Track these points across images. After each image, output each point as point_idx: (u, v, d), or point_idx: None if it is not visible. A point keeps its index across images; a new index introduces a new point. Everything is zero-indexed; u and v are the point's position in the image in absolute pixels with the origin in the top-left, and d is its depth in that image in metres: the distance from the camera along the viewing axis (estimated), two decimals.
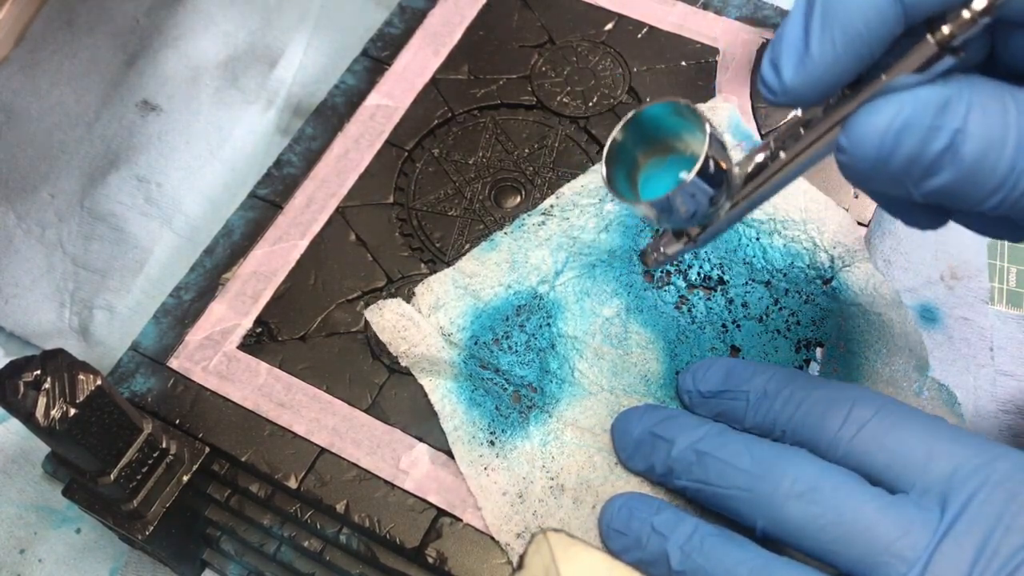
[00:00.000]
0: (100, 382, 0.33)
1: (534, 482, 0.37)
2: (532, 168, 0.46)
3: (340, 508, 0.37)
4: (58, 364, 0.33)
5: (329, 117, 0.47)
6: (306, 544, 0.38)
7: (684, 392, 0.38)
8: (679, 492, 0.35)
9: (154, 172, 0.53)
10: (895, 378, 0.39)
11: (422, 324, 0.40)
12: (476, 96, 0.48)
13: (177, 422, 0.39)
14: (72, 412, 0.32)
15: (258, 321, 0.42)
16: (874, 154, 0.28)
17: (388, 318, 0.40)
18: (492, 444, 0.38)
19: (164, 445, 0.37)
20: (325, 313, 0.42)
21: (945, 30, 0.26)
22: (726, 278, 0.41)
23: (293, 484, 0.38)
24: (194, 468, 0.38)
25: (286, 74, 0.57)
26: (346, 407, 0.40)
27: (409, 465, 0.38)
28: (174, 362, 0.41)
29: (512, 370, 0.39)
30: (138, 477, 0.36)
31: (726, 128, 0.45)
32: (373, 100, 0.48)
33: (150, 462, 0.37)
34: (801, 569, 0.31)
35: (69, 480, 0.38)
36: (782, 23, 0.28)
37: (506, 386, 0.39)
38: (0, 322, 0.49)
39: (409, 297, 0.42)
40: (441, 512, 0.37)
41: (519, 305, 0.41)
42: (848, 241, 0.41)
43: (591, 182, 0.44)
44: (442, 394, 0.39)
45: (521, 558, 0.33)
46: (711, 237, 0.33)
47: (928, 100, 0.27)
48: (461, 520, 0.37)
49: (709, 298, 0.41)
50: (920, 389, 0.39)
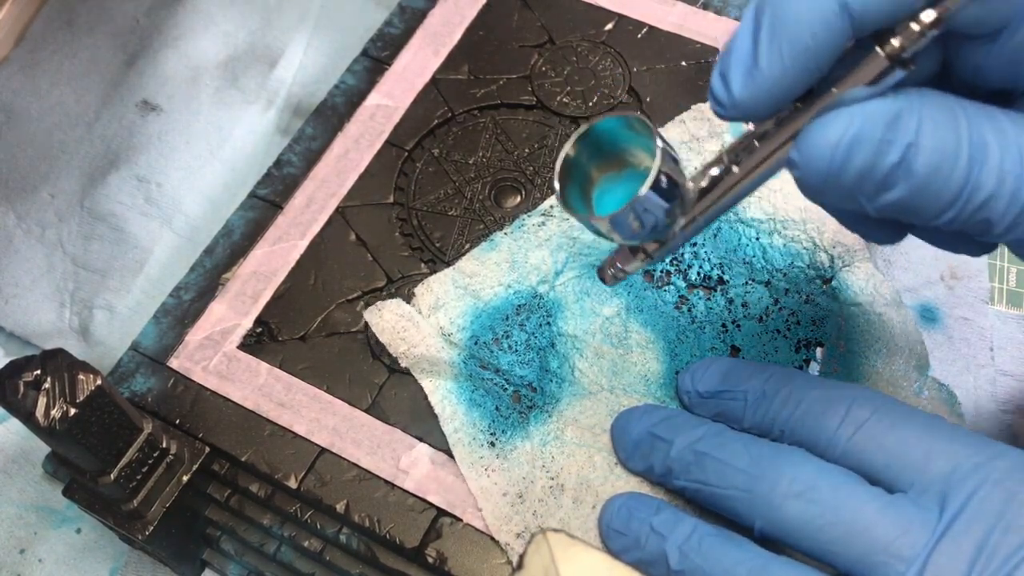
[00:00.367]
0: (100, 382, 0.33)
1: (534, 482, 0.37)
2: (532, 168, 0.46)
3: (340, 508, 0.37)
4: (58, 364, 0.33)
5: (329, 117, 0.47)
6: (306, 544, 0.38)
7: (683, 392, 0.38)
8: (678, 492, 0.35)
9: (154, 172, 0.53)
10: (895, 378, 0.39)
11: (422, 324, 0.40)
12: (476, 96, 0.48)
13: (177, 422, 0.39)
14: (72, 412, 0.32)
15: (258, 321, 0.42)
16: (825, 168, 0.27)
17: (387, 319, 0.40)
18: (492, 445, 0.37)
19: (164, 445, 0.37)
20: (325, 313, 0.42)
21: (895, 43, 0.26)
22: (726, 278, 0.41)
23: (293, 484, 0.38)
24: (194, 468, 0.38)
25: (286, 74, 0.57)
26: (346, 407, 0.40)
27: (409, 465, 0.38)
28: (174, 362, 0.41)
29: (512, 370, 0.39)
30: (138, 477, 0.36)
31: (724, 129, 0.44)
32: (373, 100, 0.48)
33: (150, 462, 0.37)
34: (800, 569, 0.31)
35: (69, 480, 0.38)
36: (731, 36, 0.28)
37: (506, 386, 0.39)
38: (0, 322, 0.49)
39: (409, 297, 0.42)
40: (441, 512, 0.37)
41: (519, 304, 0.41)
42: (848, 241, 0.41)
43: None
44: (442, 396, 0.39)
45: (520, 558, 0.33)
46: (668, 252, 0.32)
47: (879, 113, 0.27)
48: (461, 520, 0.37)
49: (709, 298, 0.41)
50: (920, 389, 0.39)
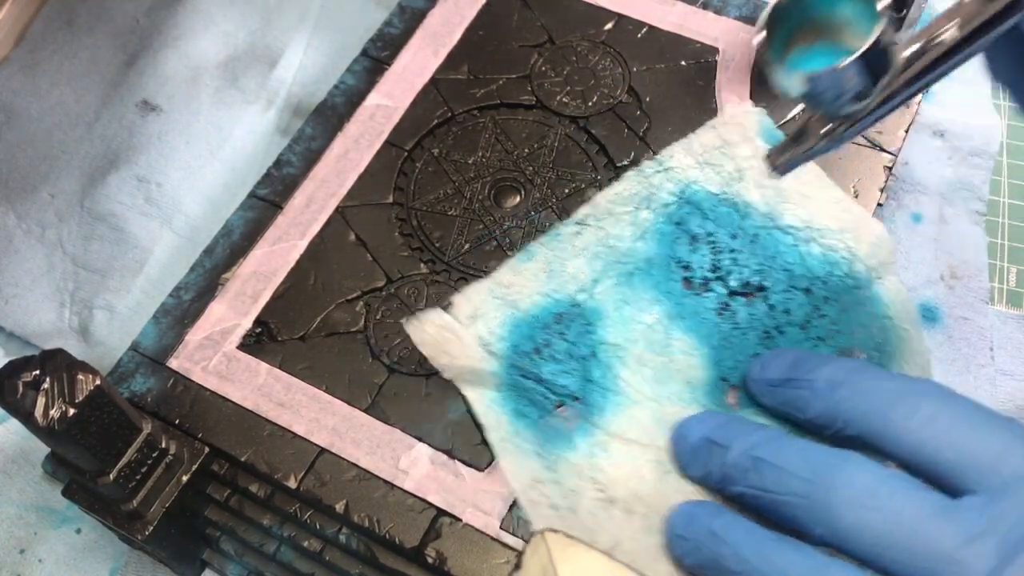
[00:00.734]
0: (99, 382, 0.33)
1: (583, 495, 0.36)
2: (532, 168, 0.46)
3: (340, 508, 0.37)
4: (57, 364, 0.33)
5: (329, 117, 0.47)
6: (306, 544, 0.38)
7: (750, 380, 0.37)
8: (736, 499, 0.34)
9: (154, 172, 0.53)
10: None
11: (463, 336, 0.39)
12: (476, 96, 0.48)
13: (177, 422, 0.39)
14: (71, 412, 0.32)
15: (258, 321, 0.42)
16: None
17: (429, 331, 0.40)
18: (540, 456, 0.37)
19: (164, 445, 0.37)
20: (325, 313, 0.42)
21: None
22: (766, 284, 0.41)
23: (293, 484, 0.38)
24: (194, 468, 0.38)
25: (286, 74, 0.57)
26: (346, 407, 0.40)
27: (409, 465, 0.38)
28: (174, 362, 0.41)
29: (554, 379, 0.38)
30: (138, 477, 0.36)
31: (756, 133, 0.44)
32: (373, 100, 0.48)
33: (150, 462, 0.37)
34: (858, 574, 0.30)
35: (69, 480, 0.38)
36: None
37: (549, 396, 0.38)
38: (0, 322, 0.49)
39: (409, 297, 0.42)
40: (441, 512, 0.37)
41: (558, 313, 0.40)
42: (882, 253, 0.41)
43: (625, 190, 0.43)
44: (486, 405, 0.38)
45: (519, 558, 0.33)
46: (853, 134, 0.32)
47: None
48: (461, 520, 0.37)
49: (750, 304, 0.40)
50: None
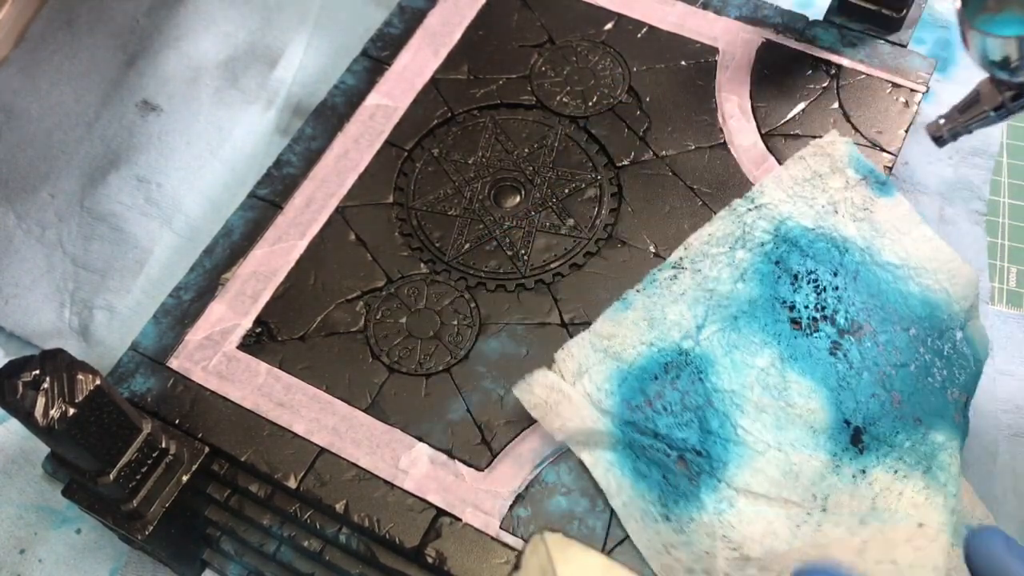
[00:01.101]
0: (99, 382, 0.33)
1: (717, 555, 0.35)
2: (532, 168, 0.46)
3: (340, 508, 0.37)
4: (57, 364, 0.33)
5: (329, 117, 0.47)
6: (306, 544, 0.38)
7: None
8: None
9: (154, 172, 0.53)
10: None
11: (573, 396, 0.38)
12: (476, 96, 0.48)
13: (177, 422, 0.39)
14: (71, 412, 0.32)
15: (258, 321, 0.42)
16: None
17: (539, 393, 0.38)
18: (667, 519, 0.36)
19: (164, 445, 0.37)
20: (325, 313, 0.42)
21: None
22: (872, 323, 0.40)
23: (293, 484, 0.38)
24: (194, 468, 0.38)
25: (286, 74, 0.57)
26: (346, 407, 0.40)
27: (408, 465, 0.38)
28: (174, 362, 0.41)
29: (671, 433, 0.37)
30: (137, 477, 0.36)
31: (846, 164, 0.43)
32: (373, 100, 0.48)
33: (149, 462, 0.37)
34: None
35: (69, 480, 0.38)
36: None
37: (668, 452, 0.37)
38: (0, 322, 0.49)
39: (409, 296, 0.42)
40: (440, 512, 0.37)
41: (666, 363, 0.39)
42: (972, 295, 0.41)
43: (718, 230, 0.42)
44: (604, 468, 0.37)
45: (518, 559, 0.33)
46: (1020, 108, 0.32)
47: None
48: (460, 520, 0.37)
49: (859, 343, 0.39)
50: None
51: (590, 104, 0.47)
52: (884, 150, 0.45)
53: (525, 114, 0.47)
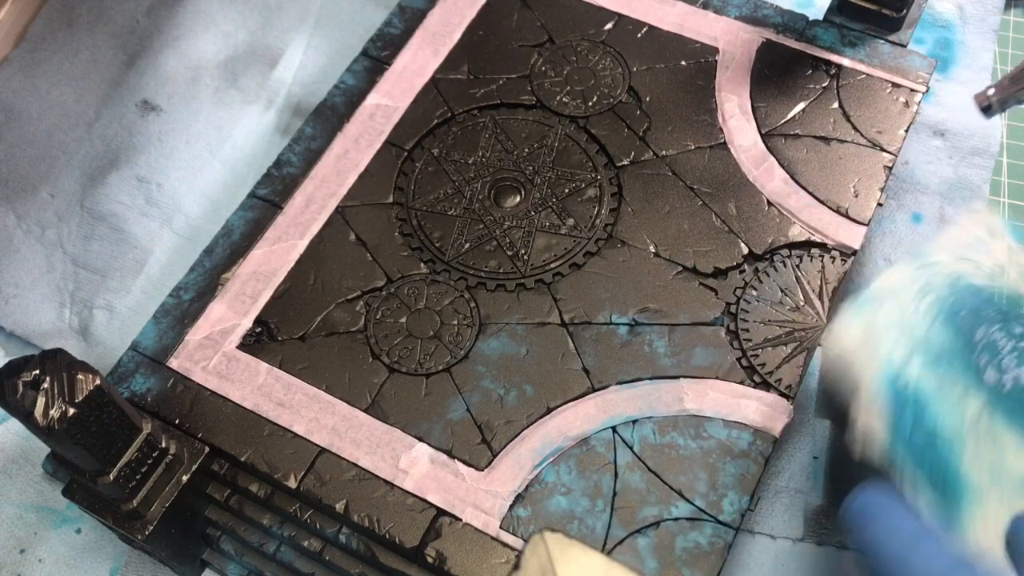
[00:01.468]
0: (99, 382, 0.33)
1: None
2: (532, 167, 0.46)
3: (339, 508, 0.37)
4: (57, 364, 0.33)
5: (329, 117, 0.47)
6: (306, 544, 0.38)
7: None
8: None
9: (154, 172, 0.53)
10: None
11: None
12: (476, 96, 0.48)
13: (177, 422, 0.39)
14: (71, 412, 0.32)
15: (258, 321, 0.42)
16: None
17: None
18: None
19: (163, 445, 0.37)
20: (324, 313, 0.42)
21: None
22: None
23: (292, 484, 0.38)
24: (194, 468, 0.38)
25: (286, 74, 0.57)
26: (346, 407, 0.40)
27: (409, 464, 0.38)
28: (174, 362, 0.41)
29: None
30: (137, 477, 0.36)
31: (1004, 232, 0.42)
32: (373, 100, 0.48)
33: (149, 462, 0.37)
34: None
35: (69, 480, 0.38)
36: None
37: None
38: (0, 322, 0.49)
39: (409, 296, 0.42)
40: (440, 512, 0.37)
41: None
42: None
43: (901, 277, 0.40)
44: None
45: (518, 558, 0.33)
46: None
47: None
48: (460, 520, 0.37)
49: None
50: None
51: (590, 104, 0.47)
52: (884, 150, 0.45)
53: (525, 114, 0.47)
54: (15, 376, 0.33)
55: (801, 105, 0.47)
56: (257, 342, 0.41)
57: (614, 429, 0.39)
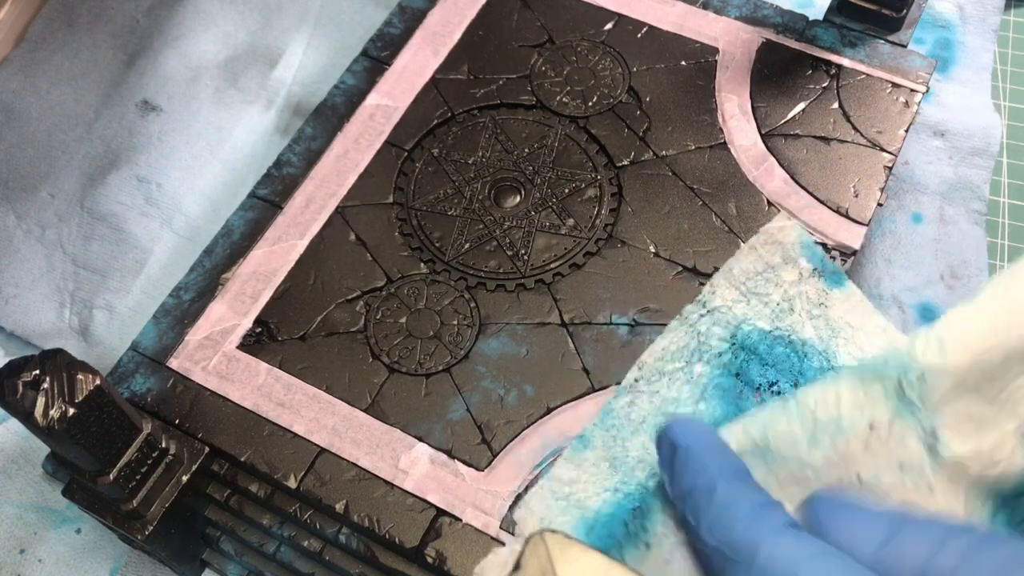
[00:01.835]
0: (99, 382, 0.33)
1: None
2: (532, 168, 0.46)
3: (339, 508, 0.37)
4: (57, 364, 0.33)
5: (329, 117, 0.47)
6: (306, 544, 0.38)
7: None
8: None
9: (154, 172, 0.53)
10: None
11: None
12: (476, 96, 0.48)
13: (177, 422, 0.39)
14: (71, 412, 0.32)
15: (258, 321, 0.42)
16: None
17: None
18: None
19: (163, 445, 0.37)
20: (325, 313, 0.42)
21: None
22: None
23: (292, 484, 0.38)
24: (193, 468, 0.38)
25: (286, 74, 0.57)
26: (346, 407, 0.40)
27: (409, 465, 0.38)
28: (174, 362, 0.41)
29: None
30: (137, 477, 0.36)
31: (798, 253, 0.40)
32: (373, 100, 0.48)
33: (149, 462, 0.37)
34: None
35: (69, 480, 0.38)
36: None
37: None
38: (0, 322, 0.49)
39: (409, 296, 0.42)
40: (440, 512, 0.37)
41: (633, 508, 0.34)
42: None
43: (672, 343, 0.39)
44: None
45: (518, 559, 0.33)
46: None
47: None
48: (460, 520, 0.37)
49: None
50: None
51: (590, 104, 0.47)
52: (884, 150, 0.45)
53: (525, 114, 0.47)
54: (15, 376, 0.33)
55: (801, 105, 0.47)
56: (257, 342, 0.41)
57: None
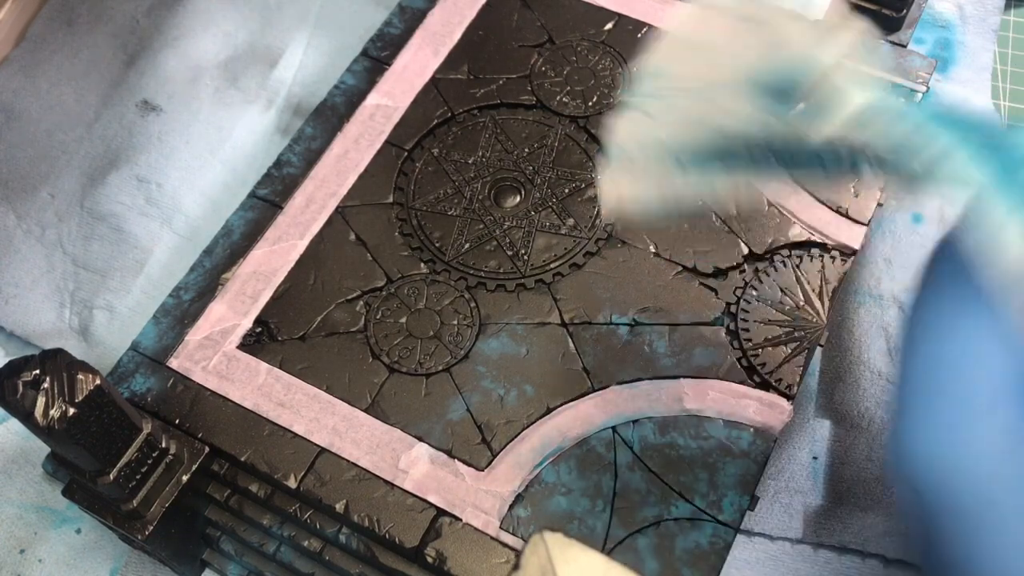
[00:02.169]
0: (99, 382, 0.33)
1: None
2: (532, 167, 0.46)
3: (339, 508, 0.37)
4: (57, 364, 0.33)
5: (329, 117, 0.47)
6: (306, 544, 0.38)
7: None
8: None
9: (154, 172, 0.53)
10: None
11: None
12: (476, 96, 0.48)
13: (177, 422, 0.39)
14: (71, 412, 0.32)
15: (258, 321, 0.42)
16: None
17: None
18: None
19: (164, 445, 0.37)
20: (325, 313, 0.42)
21: None
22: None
23: (292, 484, 0.38)
24: (194, 468, 0.38)
25: (286, 74, 0.57)
26: (346, 407, 0.40)
27: (409, 464, 0.38)
28: (174, 362, 0.41)
29: None
30: (137, 477, 0.36)
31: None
32: (373, 100, 0.48)
33: (149, 462, 0.37)
34: None
35: (69, 480, 0.38)
36: None
37: None
38: (0, 322, 0.49)
39: (409, 296, 0.42)
40: (440, 512, 0.37)
41: None
42: None
43: None
44: None
45: (518, 559, 0.33)
46: None
47: None
48: (460, 520, 0.37)
49: None
50: None
51: (590, 104, 0.47)
52: None
53: (525, 114, 0.47)
54: (15, 376, 0.33)
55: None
56: (257, 342, 0.41)
57: (614, 429, 0.39)
